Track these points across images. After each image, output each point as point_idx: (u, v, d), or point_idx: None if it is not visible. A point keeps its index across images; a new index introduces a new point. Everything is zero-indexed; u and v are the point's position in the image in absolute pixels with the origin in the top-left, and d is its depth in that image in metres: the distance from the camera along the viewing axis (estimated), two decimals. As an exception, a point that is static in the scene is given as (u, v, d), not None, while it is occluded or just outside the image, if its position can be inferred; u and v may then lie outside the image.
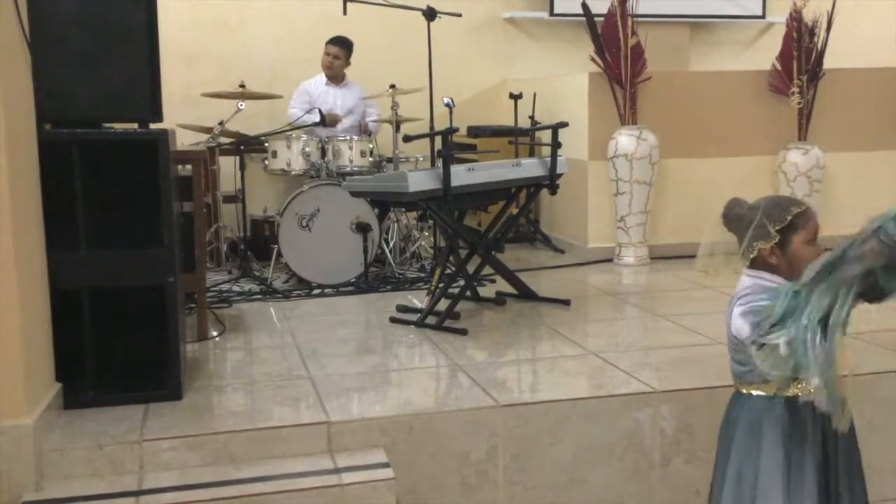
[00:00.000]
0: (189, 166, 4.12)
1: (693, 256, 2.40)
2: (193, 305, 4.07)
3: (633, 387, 3.20)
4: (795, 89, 5.62)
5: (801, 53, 5.61)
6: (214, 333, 4.05)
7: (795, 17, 5.66)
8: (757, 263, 2.18)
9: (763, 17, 7.43)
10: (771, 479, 2.12)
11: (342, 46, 6.00)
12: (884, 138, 5.91)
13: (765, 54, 6.20)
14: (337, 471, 2.76)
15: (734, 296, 2.21)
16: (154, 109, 3.12)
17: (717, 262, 2.30)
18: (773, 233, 2.13)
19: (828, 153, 5.67)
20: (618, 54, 5.46)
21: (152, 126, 3.14)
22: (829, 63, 5.72)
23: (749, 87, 5.79)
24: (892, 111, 5.89)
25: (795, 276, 2.06)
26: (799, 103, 5.64)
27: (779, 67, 5.74)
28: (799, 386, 2.14)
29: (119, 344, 3.12)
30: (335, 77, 6.09)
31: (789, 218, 2.13)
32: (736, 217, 2.22)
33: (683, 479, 3.12)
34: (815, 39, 5.64)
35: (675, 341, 3.79)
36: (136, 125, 3.16)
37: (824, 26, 5.63)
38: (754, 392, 2.19)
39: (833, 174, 5.74)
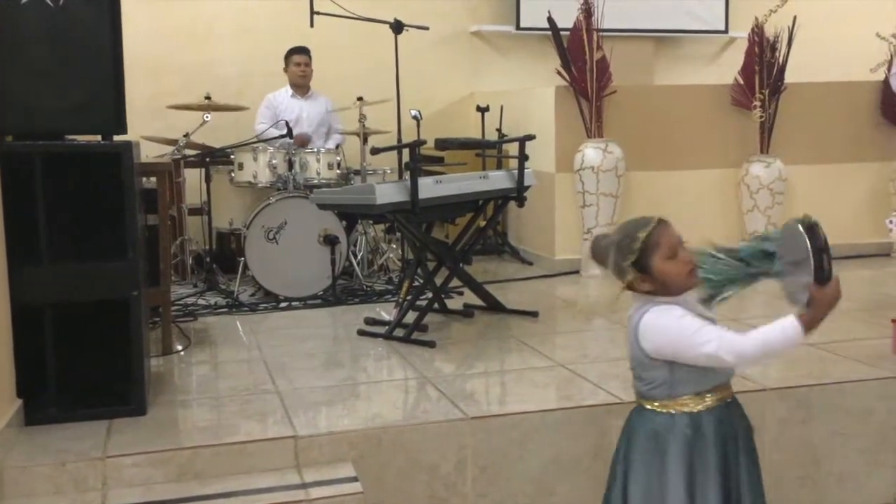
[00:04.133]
0: (154, 178, 4.08)
1: None
2: (158, 319, 4.02)
3: (600, 398, 3.21)
4: (757, 103, 5.71)
5: (763, 68, 5.70)
6: (179, 348, 4.00)
7: (757, 33, 5.76)
8: (638, 291, 2.17)
9: (726, 31, 7.55)
10: (676, 495, 2.11)
11: (308, 55, 6.02)
12: (844, 151, 6.01)
13: (727, 69, 6.29)
14: (304, 486, 2.74)
15: (631, 319, 2.20)
16: (118, 121, 3.09)
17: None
18: (628, 268, 2.12)
19: (790, 166, 5.76)
20: (584, 68, 5.51)
21: (116, 138, 3.11)
22: (790, 77, 5.82)
23: (712, 100, 5.86)
24: (851, 124, 6.01)
25: (679, 288, 2.13)
26: (761, 117, 5.73)
27: (741, 81, 5.82)
28: (702, 402, 2.15)
29: (82, 359, 3.06)
30: (305, 87, 6.08)
31: (637, 246, 2.11)
32: (601, 255, 2.21)
33: (651, 489, 3.14)
34: (777, 54, 5.74)
35: (642, 352, 3.81)
36: (99, 137, 3.13)
37: (785, 41, 5.73)
38: (658, 409, 2.18)
39: (795, 186, 5.83)
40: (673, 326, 2.10)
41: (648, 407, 2.21)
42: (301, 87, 6.08)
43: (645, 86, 6.67)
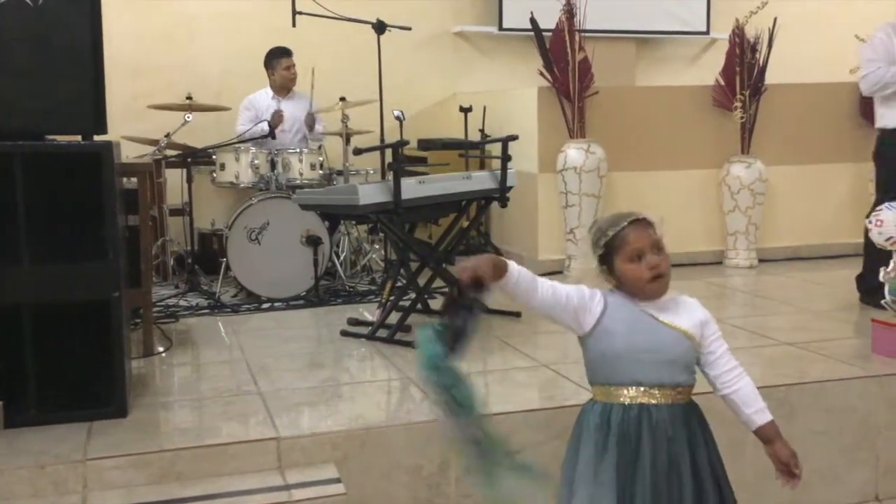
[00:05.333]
0: (134, 179, 4.06)
1: None
2: (139, 321, 4.00)
3: (583, 398, 3.17)
4: (738, 104, 5.74)
5: (744, 69, 5.74)
6: (161, 349, 3.98)
7: (738, 34, 5.80)
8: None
9: (707, 33, 7.59)
10: (582, 482, 2.09)
11: (292, 56, 6.00)
12: (824, 152, 6.06)
13: (708, 70, 6.33)
14: (287, 487, 2.73)
15: None
16: (98, 121, 3.07)
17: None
18: (597, 260, 2.13)
19: (770, 166, 5.80)
20: (566, 69, 5.52)
21: (96, 138, 3.09)
22: (770, 78, 5.86)
23: (693, 101, 5.90)
24: (831, 125, 6.06)
25: (638, 292, 2.08)
26: (742, 118, 5.76)
27: (722, 82, 5.86)
28: (616, 396, 2.10)
29: (62, 360, 3.04)
30: (289, 88, 6.06)
31: (603, 242, 2.10)
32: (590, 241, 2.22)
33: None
34: (758, 55, 5.78)
35: (625, 352, 3.82)
36: (79, 137, 3.10)
37: (766, 42, 5.77)
38: (591, 394, 2.20)
39: (775, 187, 5.87)
40: None
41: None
42: (286, 88, 6.06)
43: (627, 87, 6.70)
